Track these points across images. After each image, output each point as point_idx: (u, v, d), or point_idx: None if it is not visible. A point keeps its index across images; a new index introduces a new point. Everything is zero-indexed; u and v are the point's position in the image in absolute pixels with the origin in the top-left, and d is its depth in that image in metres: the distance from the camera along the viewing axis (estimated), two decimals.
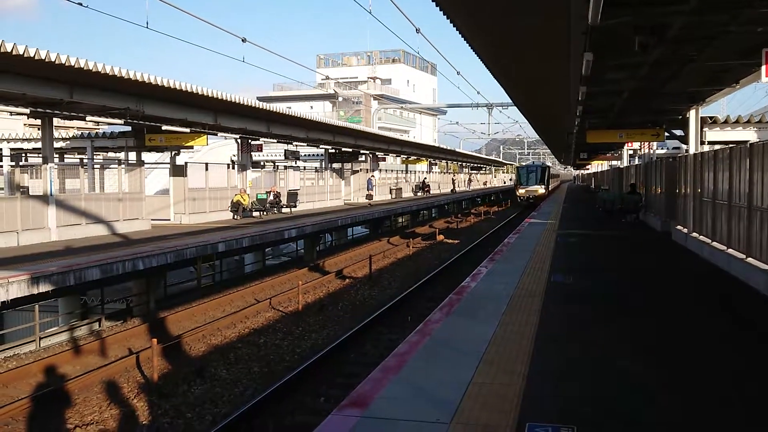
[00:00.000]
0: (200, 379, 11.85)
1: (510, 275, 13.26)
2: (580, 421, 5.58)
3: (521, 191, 56.45)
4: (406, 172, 63.64)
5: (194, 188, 26.87)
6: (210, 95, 20.76)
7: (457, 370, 6.96)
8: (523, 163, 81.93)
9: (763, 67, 11.08)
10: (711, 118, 20.83)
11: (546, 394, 6.32)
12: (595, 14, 7.75)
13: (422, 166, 67.65)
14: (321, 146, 39.89)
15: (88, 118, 21.30)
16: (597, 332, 8.83)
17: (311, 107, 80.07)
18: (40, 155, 20.71)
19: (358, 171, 46.35)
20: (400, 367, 7.07)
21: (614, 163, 52.23)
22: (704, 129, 20.13)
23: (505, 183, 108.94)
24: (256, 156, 33.40)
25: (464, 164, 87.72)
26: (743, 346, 8.31)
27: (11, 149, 31.20)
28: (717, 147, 17.82)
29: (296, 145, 36.40)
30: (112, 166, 25.92)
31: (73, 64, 14.94)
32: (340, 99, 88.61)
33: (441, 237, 34.90)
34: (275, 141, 33.65)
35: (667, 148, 34.89)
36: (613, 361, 7.46)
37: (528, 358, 7.39)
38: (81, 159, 30.27)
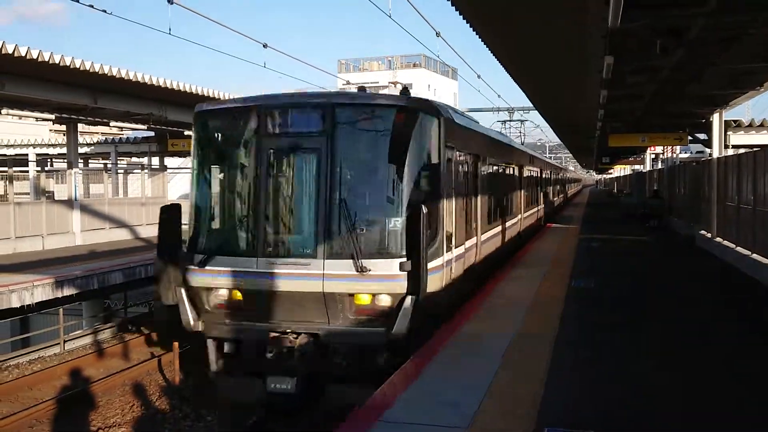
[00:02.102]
0: None
1: (530, 280, 13.19)
2: (598, 425, 5.54)
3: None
4: None
5: None
6: None
7: (475, 374, 6.94)
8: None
9: None
10: (735, 121, 20.61)
11: (565, 398, 6.29)
12: (615, 17, 7.72)
13: None
14: None
15: (112, 123, 21.60)
16: (618, 338, 8.75)
17: None
18: (65, 160, 21.00)
19: None
20: (419, 371, 7.07)
21: (637, 167, 51.76)
22: (728, 132, 19.91)
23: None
24: None
25: None
26: (765, 352, 8.21)
27: (37, 154, 31.66)
28: (741, 151, 17.63)
29: None
30: (135, 171, 26.22)
31: (96, 70, 15.15)
32: None
33: None
34: None
35: (691, 152, 34.56)
36: (633, 366, 7.41)
37: (547, 363, 7.35)
38: (105, 164, 30.65)
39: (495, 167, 14.87)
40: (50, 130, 39.71)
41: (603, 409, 6.05)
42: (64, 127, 21.01)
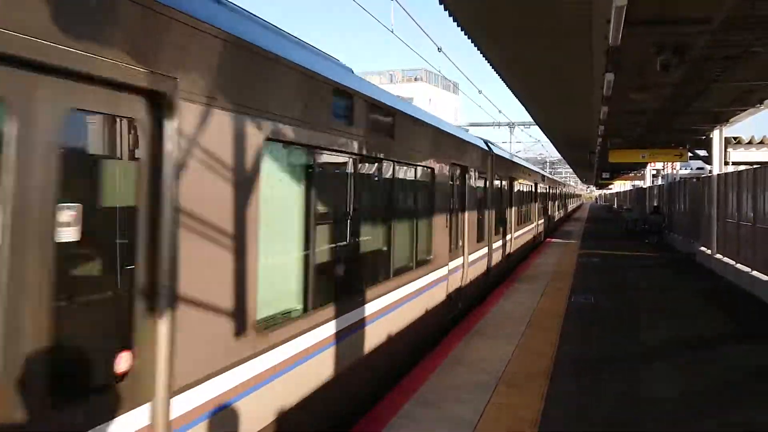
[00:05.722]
0: None
1: (530, 294, 13.17)
2: None
3: None
4: None
5: None
6: None
7: (475, 389, 6.91)
8: None
9: None
10: (735, 138, 20.62)
11: (565, 414, 6.25)
12: (616, 35, 7.74)
13: None
14: None
15: None
16: (617, 353, 8.73)
17: None
18: None
19: None
20: (418, 387, 7.03)
21: (637, 182, 51.83)
22: (728, 149, 19.94)
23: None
24: None
25: None
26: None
27: None
28: (742, 168, 17.65)
29: None
30: None
31: None
32: None
33: None
34: None
35: (691, 169, 34.62)
36: (630, 380, 7.38)
37: (547, 379, 7.32)
38: None
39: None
40: None
41: None
42: None
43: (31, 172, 2.76)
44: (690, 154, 22.86)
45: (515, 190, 18.96)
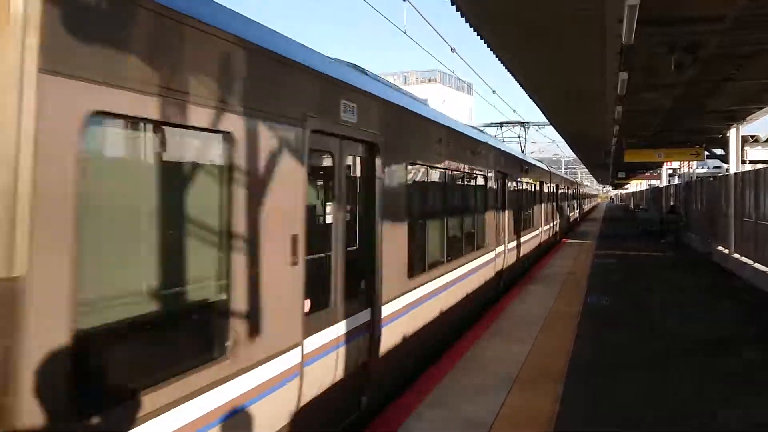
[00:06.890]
0: None
1: (545, 296, 13.14)
2: None
3: None
4: None
5: None
6: None
7: (490, 391, 6.91)
8: None
9: None
10: (752, 136, 20.46)
11: (580, 416, 6.24)
12: (629, 34, 7.73)
13: None
14: None
15: None
16: (632, 355, 8.70)
17: None
18: None
19: None
20: (433, 388, 7.05)
21: (653, 182, 51.52)
22: (745, 148, 19.78)
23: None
24: None
25: None
26: None
27: None
28: (759, 166, 17.52)
29: None
30: None
31: None
32: None
33: None
34: None
35: (708, 168, 34.40)
36: (646, 382, 7.36)
37: (562, 380, 7.31)
38: None
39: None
40: None
41: None
42: None
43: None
44: (707, 153, 22.73)
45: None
